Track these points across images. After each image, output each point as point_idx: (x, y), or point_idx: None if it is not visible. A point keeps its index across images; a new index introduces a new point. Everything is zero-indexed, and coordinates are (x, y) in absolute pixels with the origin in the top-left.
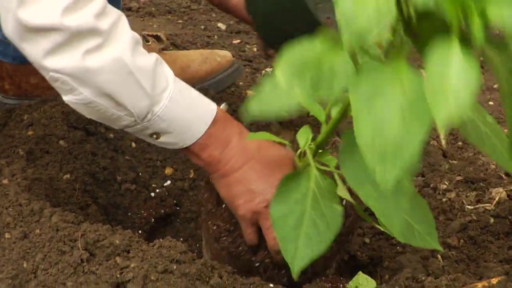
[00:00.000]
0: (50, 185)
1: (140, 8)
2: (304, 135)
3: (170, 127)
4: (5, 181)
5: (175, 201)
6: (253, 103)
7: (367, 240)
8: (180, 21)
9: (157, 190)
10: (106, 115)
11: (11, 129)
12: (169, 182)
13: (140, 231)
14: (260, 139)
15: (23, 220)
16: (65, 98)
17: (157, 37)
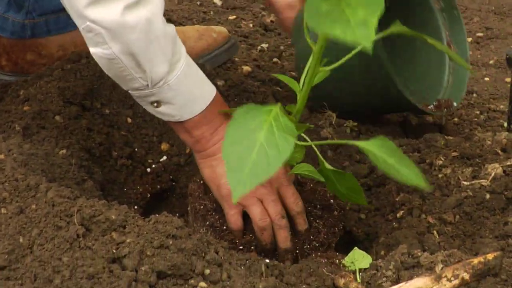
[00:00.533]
0: (46, 160)
1: None
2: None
3: (175, 98)
4: (1, 156)
5: (171, 176)
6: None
7: (362, 216)
8: None
9: (153, 166)
10: (123, 74)
11: (7, 104)
12: (165, 157)
13: (136, 207)
14: None
15: (19, 195)
16: (92, 50)
17: None
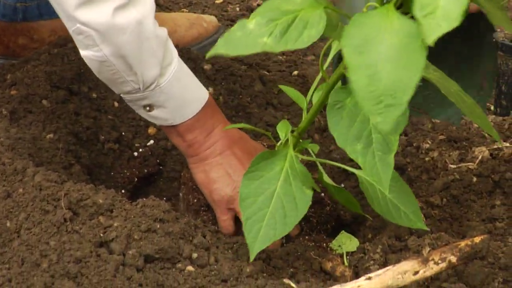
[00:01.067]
0: (33, 144)
1: None
2: (284, 128)
3: (167, 102)
4: None
5: (158, 160)
6: (221, 42)
7: None
8: None
9: (140, 150)
10: (114, 77)
11: None
12: (152, 141)
13: (123, 191)
14: (242, 131)
15: (6, 179)
16: (83, 52)
17: None
